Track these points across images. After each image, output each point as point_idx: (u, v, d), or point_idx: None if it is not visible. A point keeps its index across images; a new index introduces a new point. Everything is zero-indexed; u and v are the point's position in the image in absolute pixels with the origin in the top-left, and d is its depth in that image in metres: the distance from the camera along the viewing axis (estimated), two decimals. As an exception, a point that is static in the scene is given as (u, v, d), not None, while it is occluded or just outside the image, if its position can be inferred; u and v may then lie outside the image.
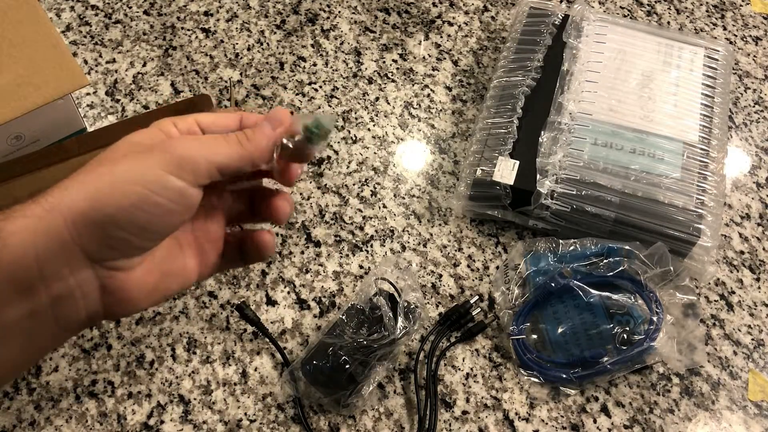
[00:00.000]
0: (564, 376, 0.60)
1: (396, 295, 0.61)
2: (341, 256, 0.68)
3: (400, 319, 0.58)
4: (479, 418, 0.60)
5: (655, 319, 0.60)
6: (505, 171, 0.67)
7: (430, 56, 0.84)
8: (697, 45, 0.79)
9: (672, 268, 0.63)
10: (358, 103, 0.79)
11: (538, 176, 0.67)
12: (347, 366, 0.56)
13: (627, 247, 0.64)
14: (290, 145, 0.41)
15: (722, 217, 0.72)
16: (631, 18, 0.90)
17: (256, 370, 0.61)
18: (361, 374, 0.57)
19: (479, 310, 0.64)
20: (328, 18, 0.87)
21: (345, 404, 0.58)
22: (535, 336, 0.64)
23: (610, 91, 0.74)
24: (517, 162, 0.68)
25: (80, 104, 0.77)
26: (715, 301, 0.68)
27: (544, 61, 0.76)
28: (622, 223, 0.65)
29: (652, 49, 0.78)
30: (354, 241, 0.69)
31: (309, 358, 0.58)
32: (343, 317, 0.59)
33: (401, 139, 0.77)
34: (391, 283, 0.61)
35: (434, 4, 0.89)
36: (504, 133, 0.70)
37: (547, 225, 0.68)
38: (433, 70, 0.83)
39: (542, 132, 0.70)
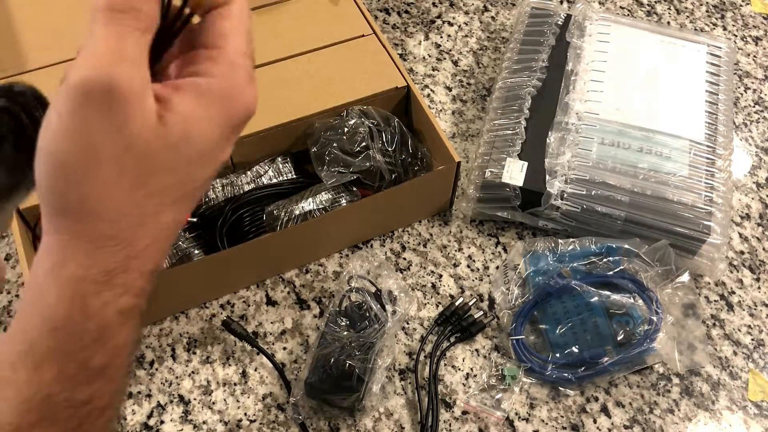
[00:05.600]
0: (564, 376, 0.60)
1: (370, 284, 0.61)
2: (341, 257, 0.68)
3: (387, 306, 0.59)
4: (479, 418, 0.60)
5: (654, 319, 0.60)
6: (514, 172, 0.66)
7: (430, 56, 0.84)
8: (699, 42, 0.79)
9: (674, 267, 0.63)
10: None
11: (547, 177, 0.66)
12: (353, 368, 0.55)
13: (626, 246, 0.64)
14: None
15: (731, 213, 0.72)
16: (631, 18, 0.90)
17: (256, 370, 0.61)
18: (367, 372, 0.56)
19: (481, 312, 0.64)
20: (328, 18, 0.87)
21: (360, 408, 0.58)
22: (534, 336, 0.64)
23: (616, 90, 0.74)
24: (526, 163, 0.67)
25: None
26: (715, 301, 0.68)
27: (548, 61, 0.75)
28: (633, 222, 0.65)
29: (654, 47, 0.78)
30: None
31: (309, 377, 0.57)
32: (330, 325, 0.58)
33: (401, 139, 0.77)
34: (364, 278, 0.61)
35: (434, 4, 0.89)
36: (511, 134, 0.69)
37: (557, 225, 0.68)
38: (433, 70, 0.83)
39: (549, 132, 0.69)
